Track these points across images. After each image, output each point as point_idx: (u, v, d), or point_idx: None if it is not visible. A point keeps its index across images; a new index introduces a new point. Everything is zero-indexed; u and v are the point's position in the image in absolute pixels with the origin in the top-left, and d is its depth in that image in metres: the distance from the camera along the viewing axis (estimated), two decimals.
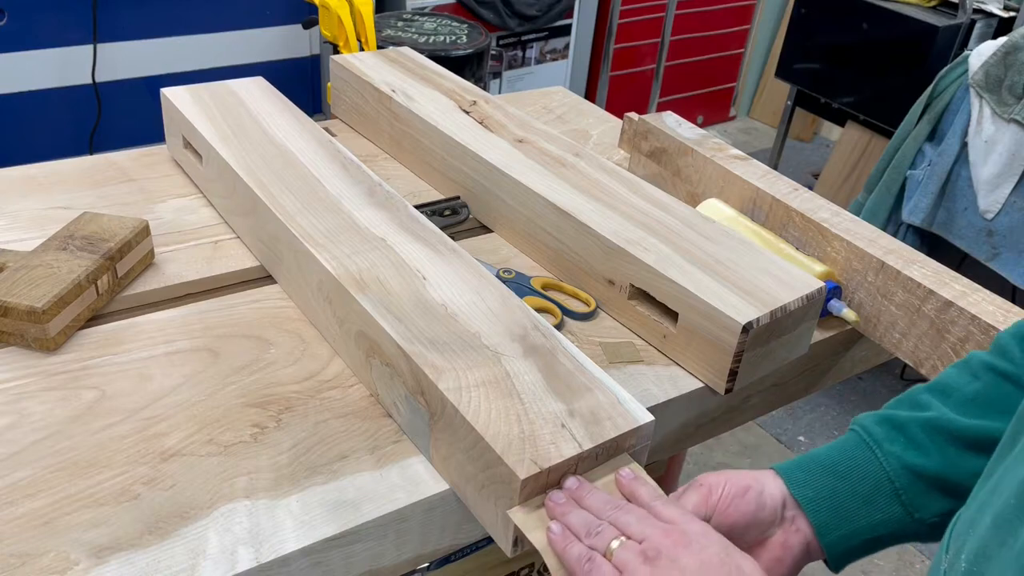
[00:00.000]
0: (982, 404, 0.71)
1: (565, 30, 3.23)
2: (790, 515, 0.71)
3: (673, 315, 0.90)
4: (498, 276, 0.99)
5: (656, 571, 0.58)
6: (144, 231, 0.97)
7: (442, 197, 1.17)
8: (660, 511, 0.63)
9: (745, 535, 0.70)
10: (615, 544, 0.61)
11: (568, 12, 3.18)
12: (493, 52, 2.63)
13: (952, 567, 0.52)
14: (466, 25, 2.39)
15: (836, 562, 0.72)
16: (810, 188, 1.22)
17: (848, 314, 0.98)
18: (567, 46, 3.28)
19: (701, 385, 0.89)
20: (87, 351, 0.86)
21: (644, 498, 0.65)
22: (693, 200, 1.16)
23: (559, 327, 0.94)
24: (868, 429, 0.73)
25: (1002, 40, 1.98)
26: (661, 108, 3.50)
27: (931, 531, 0.71)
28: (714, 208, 1.11)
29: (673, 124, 1.24)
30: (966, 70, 2.03)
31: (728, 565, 0.59)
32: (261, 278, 1.01)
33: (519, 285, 0.99)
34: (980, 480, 0.57)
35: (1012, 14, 2.37)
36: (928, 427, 0.71)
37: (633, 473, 0.69)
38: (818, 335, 0.98)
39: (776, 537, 0.71)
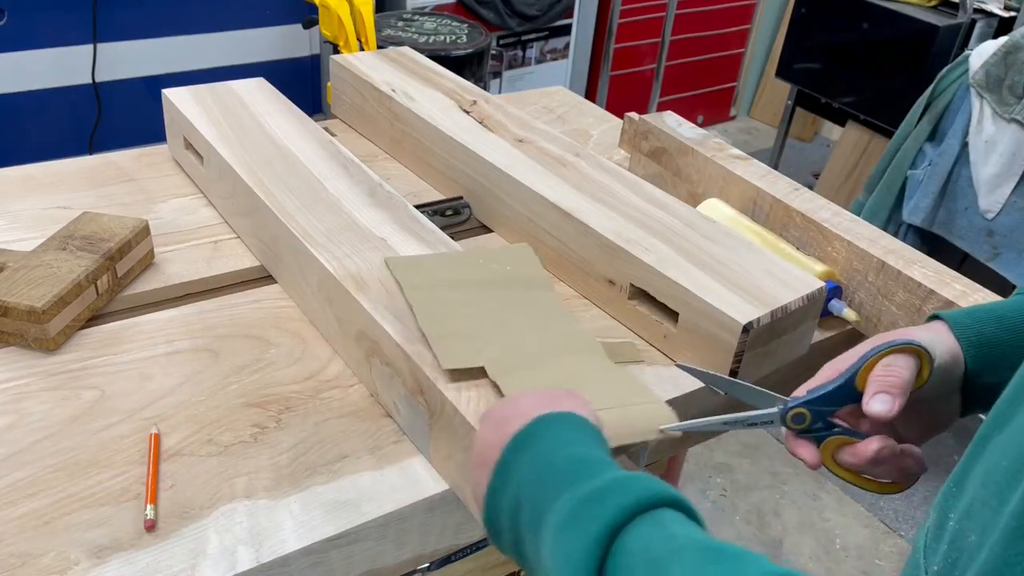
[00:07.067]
0: None
1: (565, 30, 3.23)
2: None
3: (673, 315, 0.90)
4: None
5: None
6: (144, 231, 0.97)
7: (443, 197, 1.17)
8: None
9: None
10: None
11: (568, 12, 3.18)
12: (493, 52, 2.63)
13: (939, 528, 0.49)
14: (466, 25, 2.39)
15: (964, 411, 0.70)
16: (810, 188, 1.22)
17: (848, 314, 0.98)
18: (567, 46, 3.28)
19: (701, 385, 0.89)
20: (87, 351, 0.86)
21: None
22: (693, 200, 1.16)
23: None
24: None
25: (1002, 40, 1.98)
26: (661, 108, 3.49)
27: None
28: (714, 208, 1.11)
29: (673, 124, 1.24)
30: (966, 70, 2.03)
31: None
32: (261, 278, 1.01)
33: None
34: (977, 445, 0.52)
35: (1012, 14, 2.37)
36: None
37: None
38: (818, 335, 0.98)
39: None
